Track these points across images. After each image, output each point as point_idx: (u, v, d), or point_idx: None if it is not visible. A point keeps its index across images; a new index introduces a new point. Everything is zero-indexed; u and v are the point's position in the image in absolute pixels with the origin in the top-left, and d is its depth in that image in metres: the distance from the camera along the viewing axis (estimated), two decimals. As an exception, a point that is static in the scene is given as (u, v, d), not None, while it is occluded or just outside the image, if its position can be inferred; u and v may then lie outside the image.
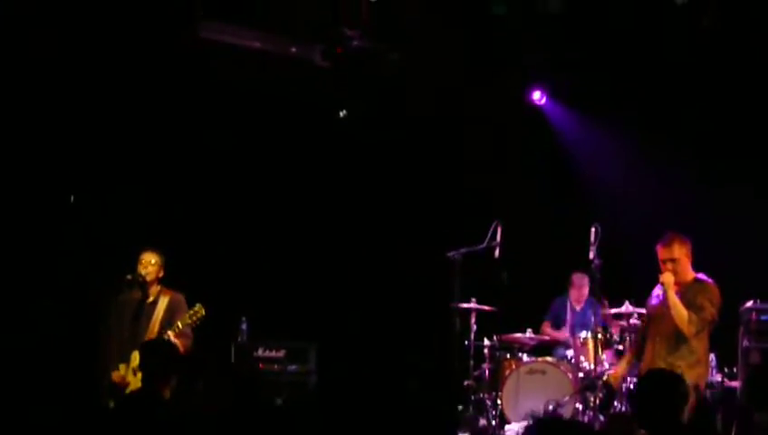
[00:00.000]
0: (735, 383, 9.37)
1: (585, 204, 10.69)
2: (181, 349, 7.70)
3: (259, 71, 10.48)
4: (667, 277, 7.51)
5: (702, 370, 7.57)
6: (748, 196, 10.45)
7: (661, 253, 7.59)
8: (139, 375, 6.87)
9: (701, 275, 7.67)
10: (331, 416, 5.13)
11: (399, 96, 11.10)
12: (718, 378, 9.45)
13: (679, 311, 7.45)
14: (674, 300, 7.47)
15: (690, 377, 7.36)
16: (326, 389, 9.83)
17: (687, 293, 7.54)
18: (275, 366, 9.97)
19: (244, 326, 10.24)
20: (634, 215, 10.29)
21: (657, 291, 7.79)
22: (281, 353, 10.06)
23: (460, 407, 9.85)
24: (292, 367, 9.93)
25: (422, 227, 11.24)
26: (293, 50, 10.59)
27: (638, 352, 7.97)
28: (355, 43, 10.48)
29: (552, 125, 11.64)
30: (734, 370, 9.47)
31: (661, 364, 7.44)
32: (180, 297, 8.20)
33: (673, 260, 7.56)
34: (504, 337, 10.26)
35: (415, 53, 10.59)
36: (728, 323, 9.37)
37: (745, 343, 9.33)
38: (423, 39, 10.45)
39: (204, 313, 7.93)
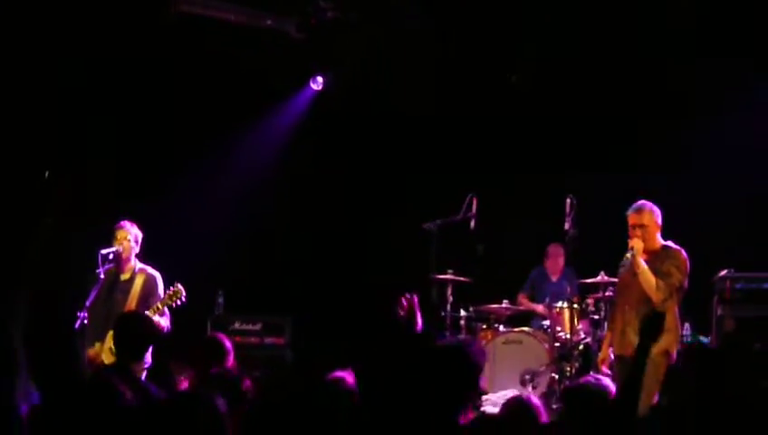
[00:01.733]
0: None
1: (560, 175, 10.69)
2: (160, 328, 7.69)
3: (234, 43, 10.43)
4: (637, 243, 7.49)
5: (672, 337, 7.49)
6: (722, 163, 10.49)
7: (631, 219, 7.59)
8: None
9: (669, 243, 7.66)
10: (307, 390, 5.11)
11: (374, 67, 11.07)
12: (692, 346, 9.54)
13: (647, 277, 7.43)
14: (642, 266, 7.46)
15: (660, 344, 7.39)
16: (301, 362, 9.86)
17: (656, 260, 7.53)
18: (252, 340, 9.99)
19: (220, 300, 10.26)
20: (608, 184, 10.30)
21: (626, 258, 7.74)
22: (257, 327, 10.09)
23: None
24: (269, 340, 9.95)
25: (398, 199, 11.24)
26: (269, 22, 10.53)
27: (614, 326, 7.93)
28: (329, 14, 10.43)
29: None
30: (709, 338, 9.57)
31: (631, 332, 7.45)
32: (157, 274, 8.16)
33: (642, 226, 7.54)
34: (481, 308, 10.29)
35: (388, 25, 10.56)
36: (703, 292, 9.49)
37: (720, 311, 9.39)
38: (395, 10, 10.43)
39: (183, 292, 7.89)
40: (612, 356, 7.87)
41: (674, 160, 10.57)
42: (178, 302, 7.90)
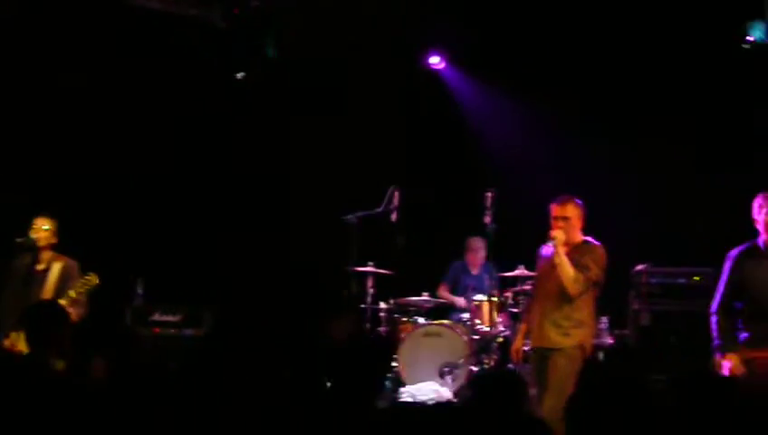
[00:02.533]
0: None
1: (481, 168, 10.77)
2: (74, 317, 7.59)
3: (158, 31, 10.35)
4: (558, 234, 7.49)
5: (588, 330, 7.56)
6: (640, 161, 10.65)
7: (555, 210, 7.59)
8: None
9: (589, 238, 7.69)
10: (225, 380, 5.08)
11: (297, 57, 11.05)
12: (610, 340, 9.67)
13: (566, 269, 7.44)
14: (562, 257, 7.46)
15: (576, 337, 7.48)
16: (221, 353, 9.78)
17: (575, 254, 7.53)
18: (171, 330, 9.92)
19: (140, 290, 10.16)
20: (529, 180, 10.40)
21: (546, 249, 7.75)
22: (177, 318, 10.01)
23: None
24: (189, 331, 9.88)
25: (319, 191, 11.23)
26: (192, 11, 10.45)
27: (530, 317, 7.94)
28: (254, 3, 10.38)
29: (449, 90, 11.68)
30: (625, 332, 9.71)
31: (547, 324, 7.51)
32: (74, 264, 8.06)
33: (565, 219, 7.55)
34: (401, 300, 10.32)
35: (312, 15, 10.54)
36: (620, 286, 9.63)
37: (636, 305, 9.54)
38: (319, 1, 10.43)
39: (97, 281, 7.81)
40: (527, 348, 7.94)
41: (598, 157, 10.73)
42: (90, 289, 7.81)
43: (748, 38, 10.23)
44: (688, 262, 9.55)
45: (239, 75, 11.22)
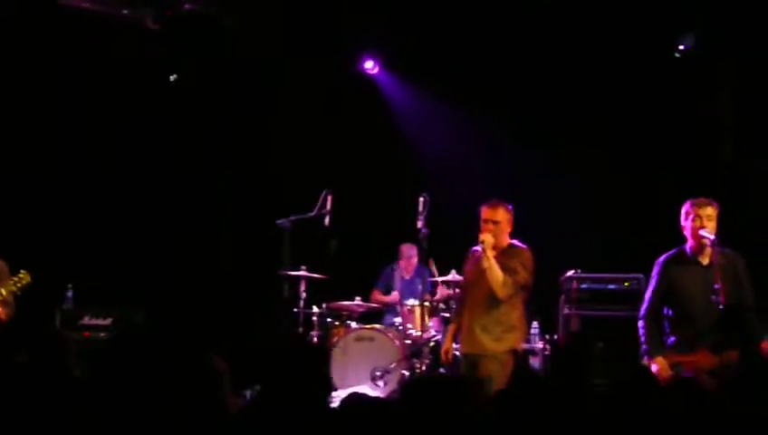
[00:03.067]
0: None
1: (414, 173, 10.81)
2: (2, 317, 7.49)
3: (89, 32, 10.25)
4: (488, 238, 7.51)
5: (518, 335, 7.62)
6: (573, 166, 10.75)
7: (485, 213, 7.61)
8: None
9: (516, 242, 7.73)
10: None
11: (231, 59, 11.02)
12: (540, 345, 9.76)
13: (495, 272, 7.46)
14: (491, 261, 7.48)
15: (507, 342, 7.53)
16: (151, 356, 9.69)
17: (503, 258, 7.55)
18: (101, 334, 9.81)
19: (69, 294, 10.04)
20: (462, 185, 10.45)
21: (475, 252, 7.77)
22: (107, 322, 9.90)
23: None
24: (119, 335, 9.77)
25: (252, 195, 11.19)
26: (124, 12, 10.37)
27: (460, 320, 7.97)
28: (186, 6, 10.33)
29: (383, 94, 11.70)
30: (555, 337, 9.80)
31: (477, 329, 7.54)
32: (2, 264, 7.95)
33: (495, 223, 7.57)
34: (333, 305, 10.32)
35: (245, 18, 10.52)
36: (551, 291, 9.72)
37: (566, 310, 9.62)
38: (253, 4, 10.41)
39: (29, 279, 7.71)
40: (458, 352, 7.95)
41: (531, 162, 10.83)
42: (22, 288, 7.71)
43: (680, 47, 10.47)
44: (619, 268, 9.66)
45: (172, 77, 11.17)
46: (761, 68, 10.09)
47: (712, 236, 7.13)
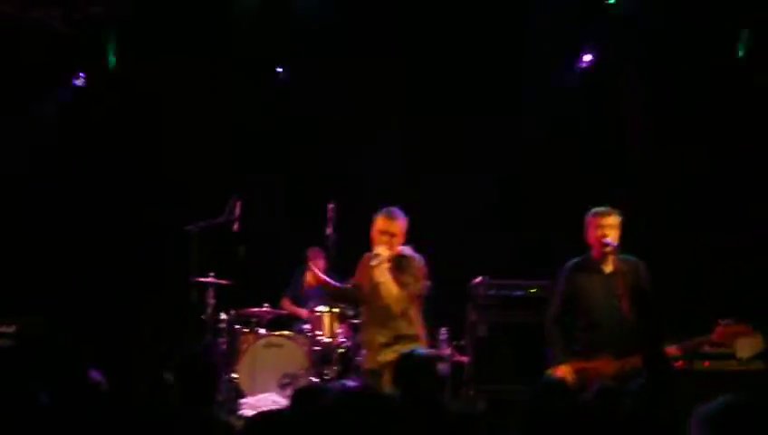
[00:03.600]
0: (464, 357, 9.74)
1: (324, 180, 10.80)
2: None
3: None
4: (384, 252, 7.39)
5: (420, 344, 7.43)
6: (482, 171, 10.84)
7: (382, 224, 7.46)
8: None
9: (407, 250, 7.61)
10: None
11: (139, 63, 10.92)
12: (448, 351, 9.80)
13: (389, 288, 7.36)
14: (386, 276, 7.36)
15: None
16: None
17: (395, 270, 7.44)
18: (6, 342, 9.61)
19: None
20: (370, 190, 10.47)
21: (368, 258, 7.64)
22: (11, 329, 9.71)
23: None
24: (23, 342, 9.61)
25: (159, 199, 11.08)
26: (33, 13, 10.21)
27: None
28: (93, 9, 10.21)
29: (294, 101, 11.66)
30: (463, 343, 9.86)
31: (378, 345, 7.47)
32: None
33: (392, 235, 7.44)
34: (242, 311, 10.26)
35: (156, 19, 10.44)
36: (459, 298, 9.79)
37: (473, 317, 9.68)
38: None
39: None
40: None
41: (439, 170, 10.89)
42: None
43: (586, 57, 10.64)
44: (526, 275, 9.76)
45: (79, 81, 11.04)
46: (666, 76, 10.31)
47: (615, 244, 7.26)
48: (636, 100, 10.71)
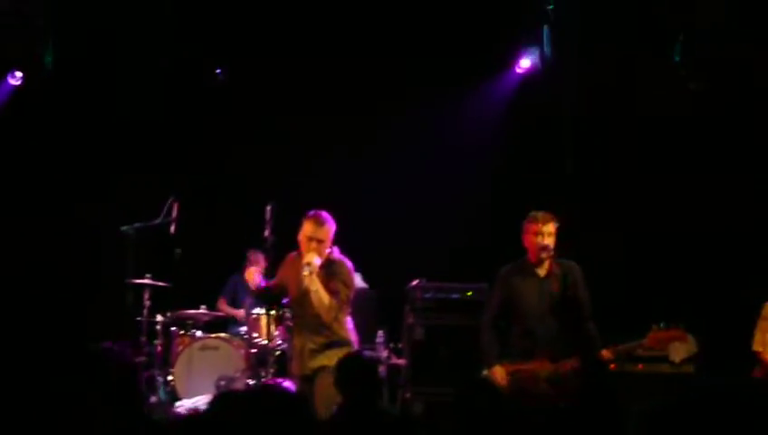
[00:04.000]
0: (401, 360, 9.78)
1: (263, 181, 10.77)
2: None
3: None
4: (314, 260, 7.30)
5: (349, 349, 7.45)
6: (420, 177, 10.87)
7: (310, 230, 7.38)
8: None
9: (335, 254, 7.54)
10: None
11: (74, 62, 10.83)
12: (385, 353, 9.83)
13: (320, 297, 7.29)
14: (317, 285, 7.28)
15: (336, 358, 7.49)
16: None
17: (323, 276, 7.36)
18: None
19: None
20: (309, 193, 10.45)
21: (293, 258, 7.66)
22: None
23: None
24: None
25: (95, 200, 10.98)
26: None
27: None
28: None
29: (232, 101, 11.62)
30: (400, 346, 9.89)
31: (308, 351, 7.45)
32: None
33: (320, 241, 7.37)
34: (178, 313, 10.20)
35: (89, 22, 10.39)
36: (396, 300, 9.82)
37: (410, 319, 9.72)
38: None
39: None
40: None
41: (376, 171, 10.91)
42: None
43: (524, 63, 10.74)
44: (463, 278, 9.81)
45: (15, 81, 10.92)
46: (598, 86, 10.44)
47: (551, 249, 7.35)
48: (570, 109, 10.81)
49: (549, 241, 7.39)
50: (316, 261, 7.30)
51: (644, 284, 10.12)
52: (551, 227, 7.43)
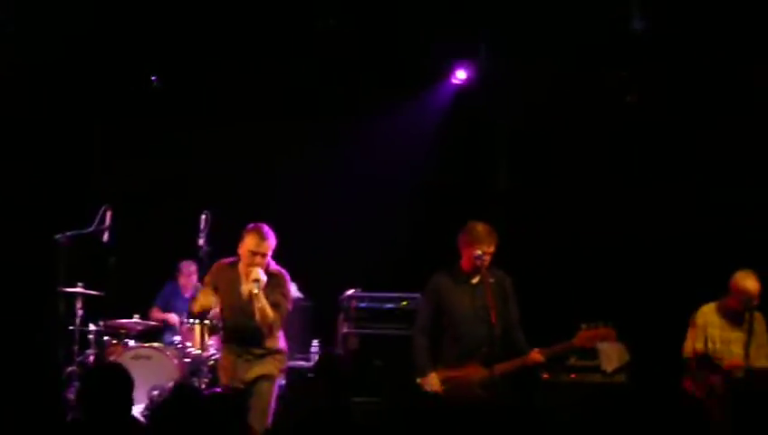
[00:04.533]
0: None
1: (196, 190, 10.73)
2: None
3: None
4: (260, 276, 7.29)
5: (284, 357, 7.56)
6: (355, 188, 10.88)
7: (253, 244, 7.36)
8: None
9: (273, 266, 7.54)
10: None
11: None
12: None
13: (265, 312, 7.30)
14: (263, 301, 7.27)
15: (276, 364, 7.49)
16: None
17: (265, 288, 7.34)
18: None
19: None
20: (243, 201, 10.43)
21: (224, 266, 7.63)
22: None
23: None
24: None
25: (27, 209, 10.85)
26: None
27: None
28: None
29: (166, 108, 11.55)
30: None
31: (242, 361, 7.47)
32: None
33: (264, 255, 7.38)
34: (111, 322, 10.10)
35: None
36: (331, 310, 9.83)
37: (345, 329, 9.73)
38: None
39: None
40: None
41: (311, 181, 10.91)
42: None
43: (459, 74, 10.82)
44: (397, 288, 9.84)
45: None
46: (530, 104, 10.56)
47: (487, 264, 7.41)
48: (505, 121, 10.90)
49: (487, 260, 7.44)
50: (263, 277, 7.29)
51: (575, 294, 10.23)
52: (493, 248, 7.47)
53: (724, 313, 8.26)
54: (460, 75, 10.98)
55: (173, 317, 10.53)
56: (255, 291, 7.26)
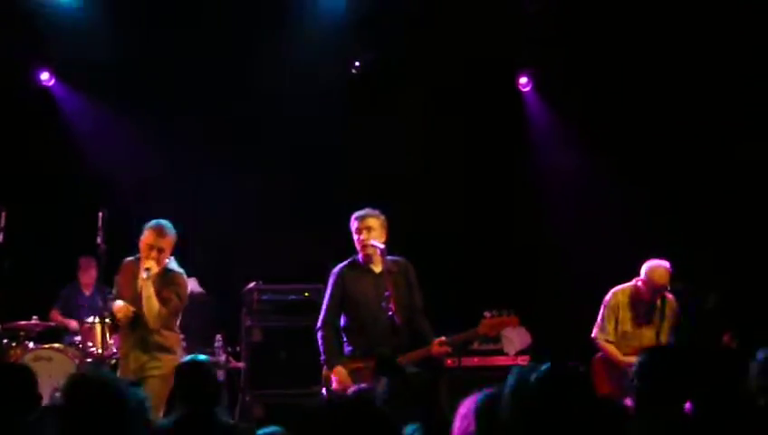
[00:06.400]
0: (240, 364, 9.75)
1: (93, 188, 10.57)
2: None
3: None
4: (154, 268, 7.30)
5: (176, 356, 7.39)
6: (257, 180, 10.80)
7: (151, 238, 7.37)
8: None
9: (172, 264, 7.55)
10: None
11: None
12: (223, 358, 9.78)
13: (151, 305, 7.30)
14: (150, 291, 7.29)
15: (168, 363, 7.27)
16: None
17: (159, 284, 7.38)
18: None
19: None
20: (142, 198, 10.32)
21: (129, 265, 7.62)
22: None
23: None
24: None
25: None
26: None
27: None
28: None
29: (59, 107, 11.36)
30: (238, 349, 9.86)
31: (134, 356, 7.43)
32: None
33: (161, 250, 7.38)
34: (9, 325, 9.92)
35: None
36: (233, 303, 9.79)
37: (248, 322, 9.71)
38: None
39: None
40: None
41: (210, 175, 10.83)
42: None
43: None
44: (299, 279, 9.84)
45: None
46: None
47: (381, 246, 7.42)
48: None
49: (373, 235, 7.45)
50: (154, 267, 7.32)
51: (477, 280, 10.35)
52: (373, 222, 7.50)
53: (636, 303, 8.20)
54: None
55: (73, 324, 10.39)
56: (143, 276, 7.30)
